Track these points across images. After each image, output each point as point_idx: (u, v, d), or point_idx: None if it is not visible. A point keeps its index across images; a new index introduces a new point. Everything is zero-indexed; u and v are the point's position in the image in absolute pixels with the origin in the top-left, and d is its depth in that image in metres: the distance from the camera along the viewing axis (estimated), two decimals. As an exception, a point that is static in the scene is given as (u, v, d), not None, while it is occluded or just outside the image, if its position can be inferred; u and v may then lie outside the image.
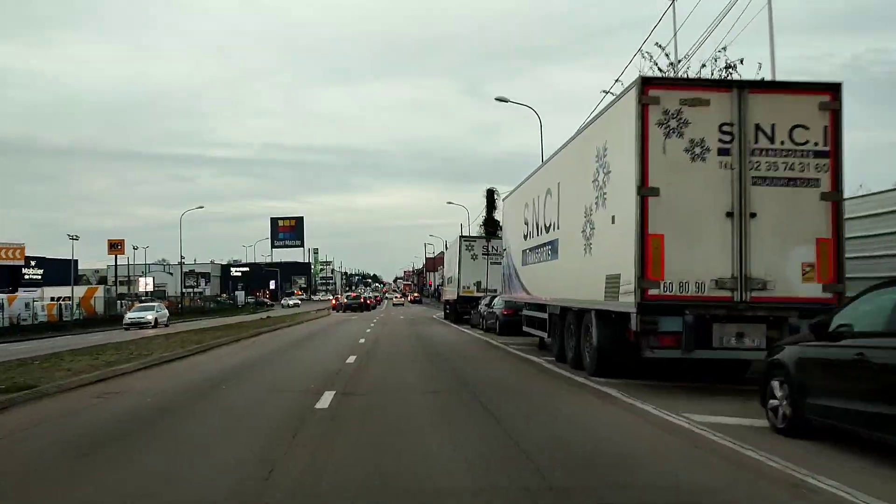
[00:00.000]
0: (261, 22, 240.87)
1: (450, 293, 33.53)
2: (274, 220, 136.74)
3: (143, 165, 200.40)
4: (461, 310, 29.84)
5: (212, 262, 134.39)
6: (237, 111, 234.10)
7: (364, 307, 54.39)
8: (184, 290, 76.03)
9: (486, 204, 41.58)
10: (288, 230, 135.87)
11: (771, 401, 6.41)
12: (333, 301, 62.00)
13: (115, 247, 62.54)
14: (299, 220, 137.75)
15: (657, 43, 15.77)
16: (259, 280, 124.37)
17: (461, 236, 31.38)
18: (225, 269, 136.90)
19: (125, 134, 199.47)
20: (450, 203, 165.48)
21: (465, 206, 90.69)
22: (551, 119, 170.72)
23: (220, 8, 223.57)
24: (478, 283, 29.20)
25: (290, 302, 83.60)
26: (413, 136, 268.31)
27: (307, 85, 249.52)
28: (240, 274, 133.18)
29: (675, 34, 15.03)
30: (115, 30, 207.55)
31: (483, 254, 29.60)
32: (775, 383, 6.35)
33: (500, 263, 22.02)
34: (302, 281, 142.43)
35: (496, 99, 29.22)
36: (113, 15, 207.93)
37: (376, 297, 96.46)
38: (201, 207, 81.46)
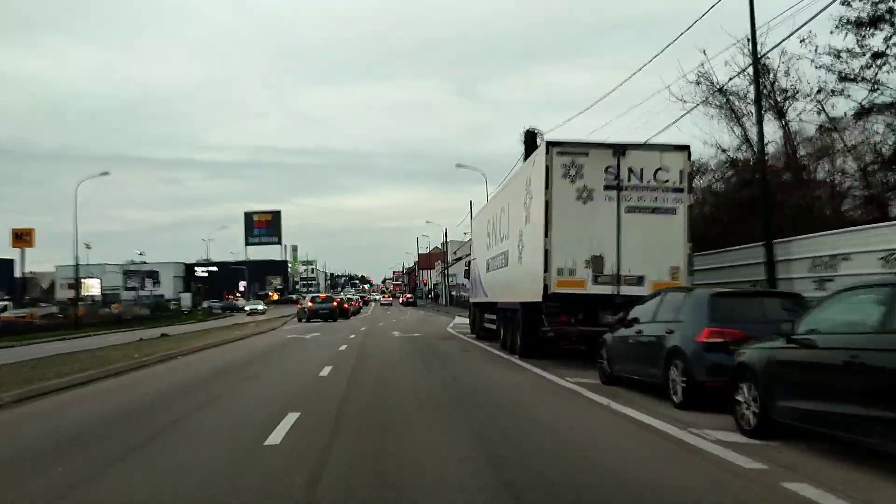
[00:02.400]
0: (250, 24, 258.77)
1: (498, 288, 20.23)
2: (248, 215, 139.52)
3: (131, 169, 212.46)
4: (554, 329, 14.79)
5: (176, 263, 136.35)
6: (227, 114, 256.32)
7: (338, 314, 47.02)
8: (75, 296, 60.82)
9: (524, 149, 33.80)
10: (264, 226, 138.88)
11: (738, 404, 7.54)
12: (299, 306, 55.02)
13: (21, 237, 57.07)
14: (276, 215, 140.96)
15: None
16: (229, 281, 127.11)
17: (549, 143, 15.00)
18: (189, 268, 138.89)
19: (113, 137, 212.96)
20: (429, 222, 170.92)
21: (440, 225, 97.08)
22: (543, 119, 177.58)
23: (208, 10, 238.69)
24: (595, 261, 14.44)
25: (249, 308, 75.57)
26: (403, 138, 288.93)
27: (297, 87, 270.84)
28: (206, 274, 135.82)
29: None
30: (102, 32, 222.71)
31: (611, 187, 14.51)
32: (743, 386, 7.49)
33: (650, 211, 14.51)
34: (278, 281, 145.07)
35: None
36: (100, 17, 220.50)
37: (360, 299, 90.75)
38: (106, 174, 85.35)
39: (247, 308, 76.27)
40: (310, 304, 47.25)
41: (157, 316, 65.71)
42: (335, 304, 48.29)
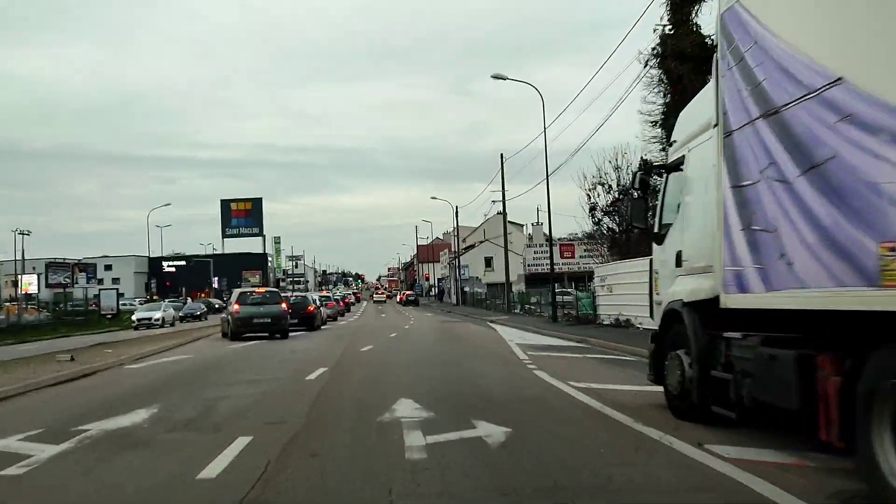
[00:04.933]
0: (245, 22, 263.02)
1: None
2: (225, 203, 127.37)
3: (127, 168, 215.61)
4: None
5: (137, 257, 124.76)
6: (223, 112, 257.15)
7: (303, 322, 30.23)
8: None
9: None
10: (243, 215, 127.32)
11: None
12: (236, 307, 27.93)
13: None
14: (256, 203, 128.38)
15: None
16: (201, 277, 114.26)
17: None
18: (155, 263, 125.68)
19: (108, 136, 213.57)
20: (434, 198, 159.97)
21: (448, 202, 79.79)
22: (536, 116, 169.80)
23: (204, 8, 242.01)
24: None
25: (139, 317, 46.32)
26: (399, 135, 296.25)
27: (293, 85, 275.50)
28: (174, 270, 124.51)
29: None
30: (96, 30, 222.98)
31: None
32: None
33: None
34: (256, 278, 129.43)
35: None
36: (93, 15, 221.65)
37: (342, 300, 68.28)
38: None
39: (135, 317, 46.74)
40: (236, 307, 25.72)
41: (50, 323, 45.83)
42: (285, 306, 26.81)
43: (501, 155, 48.25)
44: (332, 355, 18.33)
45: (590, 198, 36.70)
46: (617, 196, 35.48)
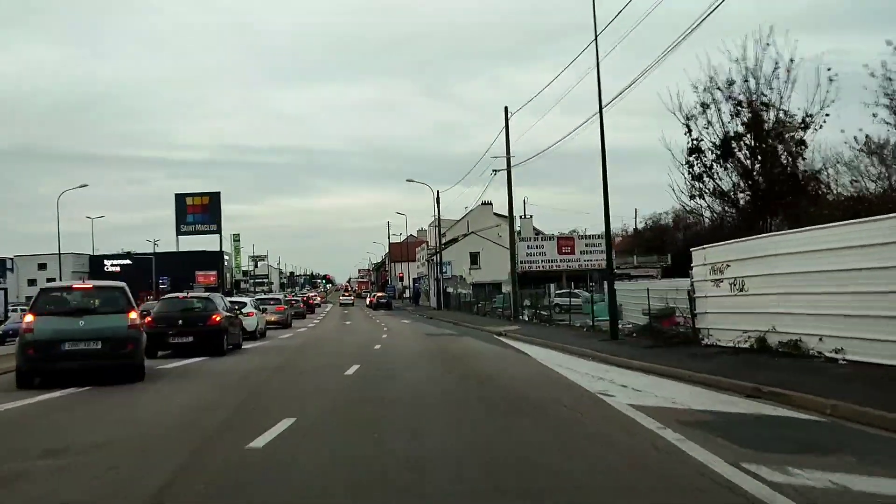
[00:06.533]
0: (217, 21, 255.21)
1: None
2: (180, 198, 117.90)
3: (94, 168, 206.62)
4: None
5: (76, 254, 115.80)
6: (194, 112, 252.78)
7: (202, 340, 18.61)
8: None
9: None
10: (199, 211, 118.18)
11: None
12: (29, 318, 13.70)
13: None
14: (214, 198, 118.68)
15: None
16: (149, 277, 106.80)
17: None
18: (96, 262, 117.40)
19: (74, 136, 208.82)
20: (410, 181, 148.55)
21: (428, 186, 68.30)
22: (514, 119, 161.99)
23: (175, 7, 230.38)
24: None
25: None
26: (372, 137, 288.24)
27: (266, 85, 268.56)
28: (118, 269, 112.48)
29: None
30: (64, 28, 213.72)
31: None
32: None
33: None
34: (211, 278, 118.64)
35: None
36: (62, 12, 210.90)
37: (310, 299, 56.75)
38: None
39: None
40: (29, 320, 12.48)
41: None
42: (134, 317, 13.05)
43: (506, 108, 36.32)
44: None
45: (690, 131, 19.99)
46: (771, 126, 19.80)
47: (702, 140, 18.76)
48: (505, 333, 26.82)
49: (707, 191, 19.09)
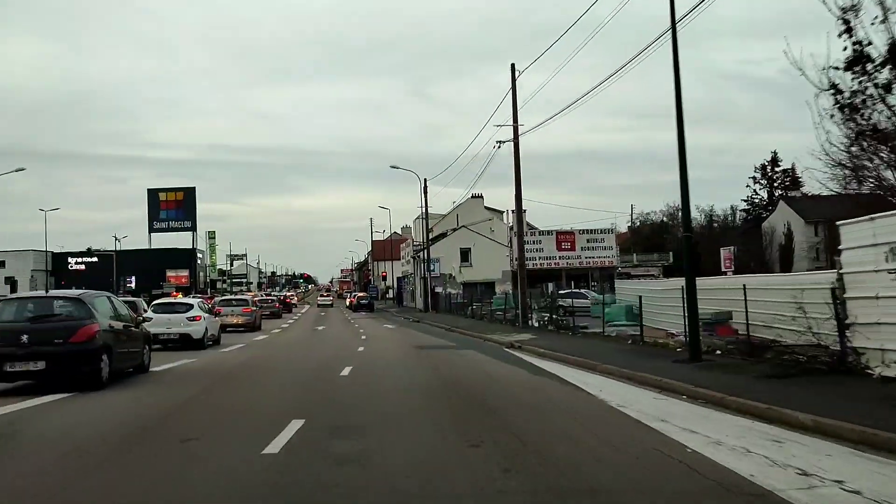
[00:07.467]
0: (201, 20, 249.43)
1: None
2: (153, 193, 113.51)
3: (75, 167, 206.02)
4: None
5: (37, 251, 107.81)
6: (176, 111, 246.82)
7: (60, 366, 11.72)
8: None
9: None
10: (173, 206, 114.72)
11: None
12: None
13: None
14: (189, 193, 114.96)
15: None
16: (116, 275, 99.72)
17: None
18: (60, 259, 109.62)
19: (54, 134, 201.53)
20: (394, 167, 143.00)
21: (415, 174, 62.39)
22: (497, 120, 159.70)
23: (159, 5, 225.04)
24: None
25: None
26: (356, 137, 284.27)
27: (249, 85, 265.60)
28: (83, 267, 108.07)
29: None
30: (45, 25, 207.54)
31: None
32: None
33: None
34: (183, 278, 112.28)
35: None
36: (43, 9, 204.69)
37: (287, 298, 51.47)
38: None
39: None
40: None
41: None
42: None
43: (513, 65, 29.60)
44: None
45: (849, 30, 11.44)
46: None
47: (870, 44, 10.57)
48: (518, 346, 20.34)
49: (869, 132, 11.69)
